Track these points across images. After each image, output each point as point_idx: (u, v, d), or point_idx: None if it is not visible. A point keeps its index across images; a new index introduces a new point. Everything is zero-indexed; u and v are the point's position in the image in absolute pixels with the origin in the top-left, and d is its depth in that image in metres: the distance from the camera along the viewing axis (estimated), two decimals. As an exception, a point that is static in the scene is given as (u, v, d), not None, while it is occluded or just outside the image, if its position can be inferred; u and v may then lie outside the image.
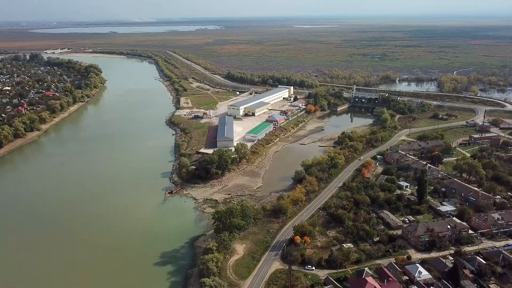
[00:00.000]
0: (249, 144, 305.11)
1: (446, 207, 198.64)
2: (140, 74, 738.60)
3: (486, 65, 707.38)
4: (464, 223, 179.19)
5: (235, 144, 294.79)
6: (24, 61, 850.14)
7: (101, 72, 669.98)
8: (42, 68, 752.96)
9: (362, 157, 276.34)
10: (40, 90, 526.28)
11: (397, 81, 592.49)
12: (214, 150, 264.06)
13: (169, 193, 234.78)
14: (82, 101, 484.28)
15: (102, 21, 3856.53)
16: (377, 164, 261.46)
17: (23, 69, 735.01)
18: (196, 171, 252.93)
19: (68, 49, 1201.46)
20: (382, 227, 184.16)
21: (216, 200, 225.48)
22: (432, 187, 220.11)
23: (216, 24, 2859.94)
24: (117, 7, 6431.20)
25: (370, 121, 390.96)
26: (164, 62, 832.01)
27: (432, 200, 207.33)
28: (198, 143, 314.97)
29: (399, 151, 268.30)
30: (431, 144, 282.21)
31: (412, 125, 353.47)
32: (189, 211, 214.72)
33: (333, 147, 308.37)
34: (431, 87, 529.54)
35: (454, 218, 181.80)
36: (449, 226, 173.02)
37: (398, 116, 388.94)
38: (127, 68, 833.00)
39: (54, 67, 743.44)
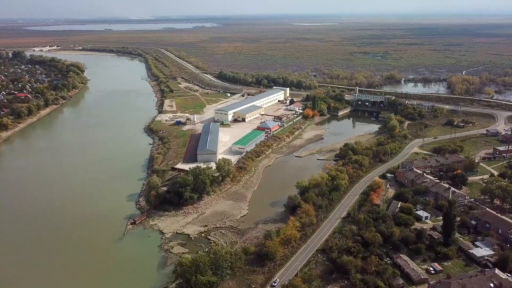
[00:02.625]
0: (235, 158, 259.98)
1: (482, 250, 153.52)
2: (127, 73, 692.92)
3: (496, 64, 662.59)
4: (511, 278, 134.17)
5: (219, 157, 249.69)
6: (6, 59, 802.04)
7: (83, 71, 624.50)
8: (23, 66, 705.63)
9: (368, 175, 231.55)
10: (13, 91, 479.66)
11: (402, 82, 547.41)
12: (190, 168, 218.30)
13: (131, 223, 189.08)
14: (56, 104, 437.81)
15: (100, 18, 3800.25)
16: (388, 186, 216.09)
17: (2, 67, 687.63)
18: (167, 194, 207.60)
19: (57, 46, 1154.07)
20: (401, 281, 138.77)
21: (188, 234, 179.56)
22: (458, 218, 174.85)
23: (214, 22, 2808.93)
24: (116, 5, 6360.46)
25: (375, 127, 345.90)
26: (154, 60, 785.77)
27: (461, 239, 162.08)
28: (176, 155, 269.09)
29: (414, 168, 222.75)
30: (451, 160, 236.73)
31: (424, 133, 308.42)
32: (152, 251, 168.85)
33: (334, 160, 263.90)
34: (440, 89, 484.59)
35: (497, 271, 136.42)
36: (492, 285, 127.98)
37: (407, 122, 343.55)
38: (115, 67, 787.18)
39: (36, 66, 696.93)
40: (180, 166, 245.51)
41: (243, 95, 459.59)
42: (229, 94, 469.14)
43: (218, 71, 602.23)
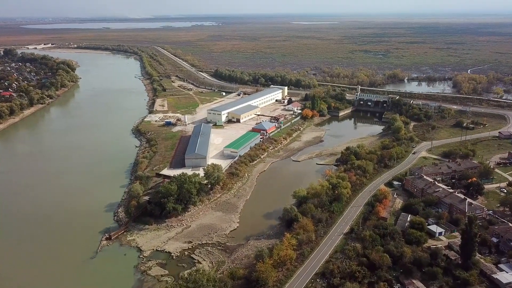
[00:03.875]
0: (227, 162, 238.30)
1: (508, 275, 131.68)
2: (121, 72, 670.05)
3: (501, 62, 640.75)
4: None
5: (210, 162, 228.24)
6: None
7: (74, 69, 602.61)
8: (13, 64, 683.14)
9: (373, 183, 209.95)
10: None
11: (405, 81, 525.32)
12: (174, 176, 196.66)
13: (106, 239, 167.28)
14: (42, 103, 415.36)
15: (99, 17, 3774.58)
16: (395, 195, 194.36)
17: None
18: (149, 205, 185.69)
19: (51, 44, 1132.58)
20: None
21: (169, 252, 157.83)
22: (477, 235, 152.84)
23: (213, 21, 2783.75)
24: (115, 4, 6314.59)
25: (379, 129, 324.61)
26: (149, 58, 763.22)
27: (483, 261, 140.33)
28: (163, 160, 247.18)
29: (424, 176, 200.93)
30: (464, 166, 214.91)
31: (432, 136, 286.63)
32: (127, 272, 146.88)
33: (335, 165, 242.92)
34: (446, 88, 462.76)
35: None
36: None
37: (412, 123, 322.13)
38: (109, 65, 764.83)
39: (26, 64, 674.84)
40: (165, 172, 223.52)
41: (239, 94, 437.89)
42: (224, 93, 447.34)
43: (214, 69, 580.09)
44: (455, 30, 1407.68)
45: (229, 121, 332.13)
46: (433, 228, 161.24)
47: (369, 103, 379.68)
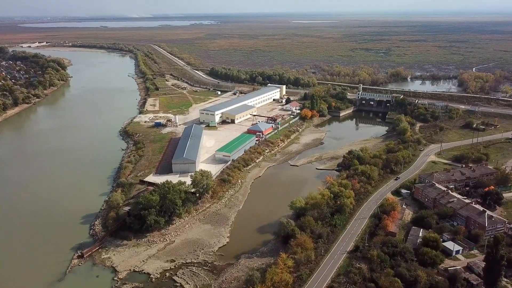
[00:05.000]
0: (218, 167, 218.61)
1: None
2: (115, 70, 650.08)
3: (507, 61, 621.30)
4: None
5: (200, 167, 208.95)
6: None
7: (65, 67, 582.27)
8: (3, 62, 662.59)
9: (379, 191, 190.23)
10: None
11: (408, 79, 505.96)
12: (155, 184, 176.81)
13: (78, 257, 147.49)
14: (27, 103, 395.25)
15: (97, 17, 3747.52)
16: (404, 206, 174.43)
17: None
18: (128, 218, 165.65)
19: (46, 42, 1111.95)
20: None
21: (148, 273, 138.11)
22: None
23: (212, 20, 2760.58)
24: (114, 4, 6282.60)
25: (382, 130, 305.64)
26: (144, 56, 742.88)
27: (510, 287, 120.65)
28: (149, 164, 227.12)
29: (435, 184, 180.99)
30: (479, 172, 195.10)
31: (440, 137, 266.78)
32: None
33: (336, 170, 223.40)
34: (451, 87, 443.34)
35: None
36: None
37: (418, 124, 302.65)
38: (103, 63, 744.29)
39: (17, 62, 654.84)
40: (150, 178, 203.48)
41: (234, 93, 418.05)
42: (219, 92, 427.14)
43: (210, 68, 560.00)
44: (457, 28, 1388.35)
45: (223, 122, 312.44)
46: (449, 245, 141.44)
47: (372, 103, 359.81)
